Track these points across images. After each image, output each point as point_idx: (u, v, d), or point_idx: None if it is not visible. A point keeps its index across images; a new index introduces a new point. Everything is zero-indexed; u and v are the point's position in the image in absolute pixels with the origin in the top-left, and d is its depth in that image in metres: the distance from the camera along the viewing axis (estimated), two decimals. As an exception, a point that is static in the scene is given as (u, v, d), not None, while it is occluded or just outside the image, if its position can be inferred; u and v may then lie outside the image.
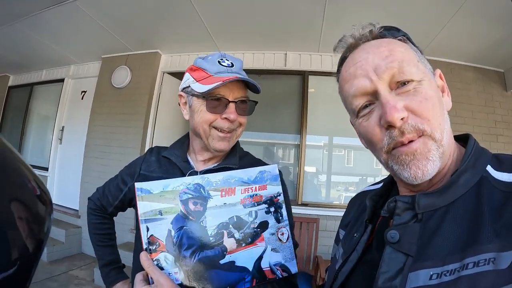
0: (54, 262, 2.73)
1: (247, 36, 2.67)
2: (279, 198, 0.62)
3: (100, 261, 0.84)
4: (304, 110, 2.75)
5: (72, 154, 3.43)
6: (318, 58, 2.83)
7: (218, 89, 0.64)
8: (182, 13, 2.34)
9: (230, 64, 0.68)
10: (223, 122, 0.66)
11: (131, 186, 0.77)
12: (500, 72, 2.78)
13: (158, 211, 0.54)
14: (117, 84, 3.15)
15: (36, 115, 4.12)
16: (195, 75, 0.67)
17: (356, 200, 0.56)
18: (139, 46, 3.03)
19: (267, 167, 0.64)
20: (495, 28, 2.10)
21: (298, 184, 2.68)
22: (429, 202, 0.36)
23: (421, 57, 0.40)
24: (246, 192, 0.60)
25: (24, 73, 4.24)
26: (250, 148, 2.97)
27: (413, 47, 0.41)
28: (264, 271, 0.57)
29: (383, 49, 0.39)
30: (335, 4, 2.06)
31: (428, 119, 0.35)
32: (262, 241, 0.58)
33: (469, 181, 0.35)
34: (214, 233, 0.56)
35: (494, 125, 2.65)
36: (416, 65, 0.38)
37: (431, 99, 0.36)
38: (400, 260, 0.35)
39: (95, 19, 2.53)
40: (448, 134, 0.38)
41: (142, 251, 0.53)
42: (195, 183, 0.58)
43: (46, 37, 2.99)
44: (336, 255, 0.50)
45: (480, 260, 0.29)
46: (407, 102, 0.36)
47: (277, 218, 0.61)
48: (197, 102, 0.67)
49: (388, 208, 0.39)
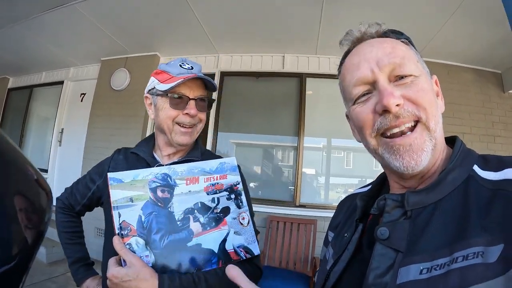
0: (54, 264, 2.75)
1: (245, 39, 2.69)
2: (238, 187, 0.69)
3: (69, 259, 0.85)
4: (301, 112, 2.76)
5: (72, 156, 3.44)
6: (316, 61, 2.84)
7: (179, 88, 0.72)
8: (181, 16, 2.35)
9: (190, 67, 0.75)
10: (184, 118, 0.73)
11: (100, 184, 0.82)
12: (498, 74, 2.79)
13: (129, 198, 0.59)
14: (116, 87, 3.16)
15: (36, 117, 4.13)
16: (159, 78, 0.74)
17: (345, 203, 0.58)
18: (138, 48, 3.05)
19: (226, 159, 0.71)
20: (492, 29, 2.11)
21: (296, 185, 2.69)
22: (418, 200, 0.37)
23: (420, 59, 0.43)
24: (208, 181, 0.66)
25: (23, 75, 4.25)
26: (248, 150, 3.01)
27: (413, 49, 0.43)
28: (228, 252, 0.62)
29: (387, 45, 0.41)
30: (332, 7, 2.08)
31: (424, 107, 0.38)
32: (225, 224, 0.64)
33: (457, 179, 0.37)
34: (181, 218, 0.61)
35: (491, 126, 2.66)
36: (415, 64, 0.41)
37: (427, 92, 0.39)
38: (390, 256, 0.36)
39: (95, 21, 2.54)
40: (441, 130, 0.40)
41: (114, 236, 0.56)
42: (162, 172, 0.63)
43: (45, 40, 3.01)
44: (326, 256, 0.51)
45: (469, 254, 0.30)
46: (404, 92, 0.38)
47: (237, 204, 0.67)
48: (161, 101, 0.74)
49: (378, 206, 0.41)
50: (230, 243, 0.63)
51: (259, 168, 2.91)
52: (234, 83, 3.01)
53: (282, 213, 2.59)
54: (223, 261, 0.61)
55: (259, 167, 2.91)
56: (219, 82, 2.97)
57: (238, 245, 0.64)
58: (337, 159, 2.85)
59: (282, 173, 2.87)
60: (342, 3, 2.02)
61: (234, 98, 2.99)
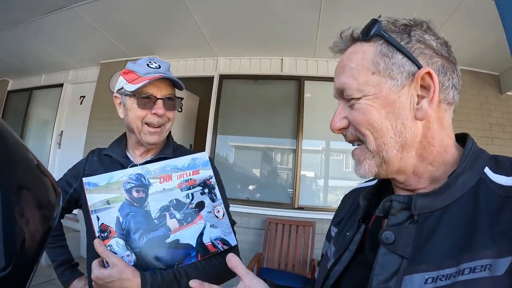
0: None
1: (243, 42, 2.70)
2: (211, 181, 0.70)
3: (54, 262, 0.85)
4: (300, 115, 2.77)
5: (71, 159, 3.42)
6: (314, 64, 2.85)
7: (147, 88, 0.72)
8: (180, 20, 2.36)
9: (158, 66, 0.75)
10: (152, 117, 0.73)
11: (76, 187, 0.82)
12: (495, 75, 2.81)
13: (106, 200, 0.60)
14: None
15: (35, 119, 4.13)
16: (127, 77, 0.74)
17: (349, 197, 0.57)
18: (138, 51, 3.05)
19: (198, 154, 0.72)
20: (488, 32, 2.12)
21: (295, 188, 2.70)
22: (426, 204, 0.36)
23: (389, 61, 0.38)
24: (181, 178, 0.67)
25: (23, 77, 4.25)
26: (246, 153, 3.02)
27: (380, 51, 0.38)
28: (206, 245, 0.64)
29: (340, 66, 0.42)
30: (330, 10, 2.09)
31: (363, 133, 0.39)
32: (201, 219, 0.65)
33: (467, 183, 0.35)
34: (157, 216, 0.62)
35: (489, 127, 2.67)
36: (363, 81, 0.38)
37: (370, 117, 0.38)
38: (395, 262, 0.35)
39: (94, 25, 2.55)
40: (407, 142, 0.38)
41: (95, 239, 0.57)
42: (136, 173, 0.64)
43: (45, 42, 3.02)
44: (328, 252, 0.50)
45: (477, 266, 0.29)
46: (350, 115, 0.40)
47: (211, 198, 0.69)
48: (129, 101, 0.74)
49: (383, 208, 0.39)
50: (207, 236, 0.65)
51: (258, 170, 2.92)
52: (232, 86, 3.02)
53: (281, 215, 2.60)
54: (201, 254, 0.63)
55: (258, 170, 2.92)
56: (218, 85, 2.98)
57: (215, 238, 0.65)
58: (336, 162, 2.86)
59: (280, 175, 2.88)
60: (340, 6, 2.04)
61: (233, 101, 3.00)
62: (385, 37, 0.38)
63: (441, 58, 0.39)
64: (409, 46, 0.38)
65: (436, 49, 0.38)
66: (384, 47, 0.38)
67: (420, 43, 0.38)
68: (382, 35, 0.38)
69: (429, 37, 0.39)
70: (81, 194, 0.80)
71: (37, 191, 0.24)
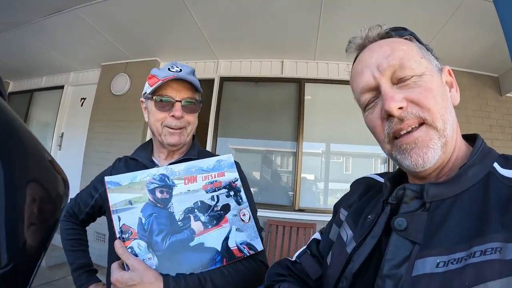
0: (53, 267, 2.74)
1: (244, 45, 2.71)
2: (237, 183, 0.68)
3: (71, 265, 0.84)
4: (300, 117, 2.78)
5: (71, 161, 3.44)
6: (314, 66, 2.86)
7: (165, 91, 0.73)
8: (181, 22, 2.37)
9: (179, 69, 0.75)
10: (171, 120, 0.74)
11: (102, 192, 0.81)
12: (495, 77, 2.81)
13: (128, 201, 0.58)
14: (116, 92, 3.18)
15: (36, 121, 4.13)
16: (150, 82, 0.76)
17: (360, 183, 0.56)
18: (138, 54, 3.06)
19: (223, 157, 0.71)
20: (488, 34, 2.13)
21: (295, 190, 2.70)
22: (438, 192, 0.37)
23: (426, 53, 0.42)
24: (206, 179, 0.65)
25: (24, 79, 4.25)
26: (247, 156, 3.02)
27: (418, 45, 0.42)
28: (232, 250, 0.61)
29: (386, 48, 0.41)
30: (330, 13, 2.10)
31: (428, 108, 0.37)
32: (226, 222, 0.63)
33: (477, 175, 0.36)
34: (181, 217, 0.60)
35: (489, 129, 2.67)
36: (418, 61, 0.40)
37: (431, 91, 0.38)
38: (406, 248, 0.35)
39: (95, 27, 2.56)
40: (453, 126, 0.39)
41: (116, 240, 0.55)
42: (160, 173, 0.62)
43: (46, 44, 3.02)
44: (343, 237, 0.48)
45: (487, 249, 0.30)
46: (406, 94, 0.38)
47: (237, 201, 0.67)
48: (151, 104, 0.75)
49: (396, 196, 0.40)
50: (233, 240, 0.62)
51: (259, 173, 2.92)
52: (233, 88, 3.02)
53: (282, 217, 2.60)
54: (227, 259, 0.60)
55: (258, 172, 2.92)
56: (218, 87, 2.98)
57: (241, 242, 0.63)
58: (336, 164, 2.85)
59: (281, 178, 2.88)
60: (340, 9, 2.05)
61: (234, 103, 3.01)
62: (417, 39, 0.43)
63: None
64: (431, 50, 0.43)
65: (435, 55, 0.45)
66: (416, 44, 0.43)
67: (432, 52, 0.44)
68: (415, 36, 0.43)
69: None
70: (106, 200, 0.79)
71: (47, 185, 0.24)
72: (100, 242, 2.90)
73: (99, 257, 1.66)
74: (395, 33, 0.43)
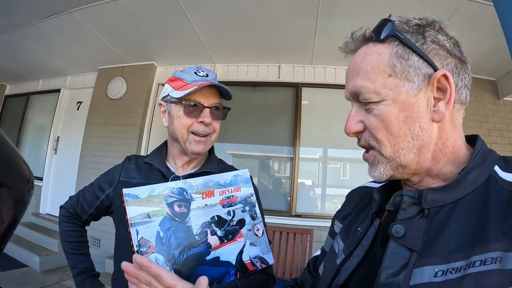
0: (47, 272, 2.72)
1: (241, 49, 2.70)
2: (252, 198, 0.70)
3: (74, 269, 0.81)
4: (297, 122, 2.77)
5: (67, 164, 3.42)
6: (311, 70, 2.85)
7: (194, 96, 0.71)
8: (177, 26, 2.36)
9: (205, 74, 0.74)
10: (198, 126, 0.72)
11: (110, 193, 0.80)
12: (492, 81, 2.81)
13: (146, 214, 0.58)
14: (113, 95, 3.16)
15: (32, 124, 4.12)
16: (174, 85, 0.74)
17: (356, 194, 0.56)
18: (135, 57, 3.05)
19: (239, 172, 0.71)
20: (485, 37, 2.12)
21: (292, 195, 2.68)
22: (436, 198, 0.36)
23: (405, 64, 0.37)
24: (223, 194, 0.66)
25: (21, 82, 4.24)
26: (243, 161, 3.00)
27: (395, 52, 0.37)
28: (245, 263, 0.63)
29: (353, 67, 0.40)
30: (327, 18, 2.10)
31: (379, 140, 0.38)
32: (241, 237, 0.64)
33: (477, 179, 0.35)
34: (198, 232, 0.60)
35: (487, 133, 2.67)
36: (381, 84, 0.37)
37: (384, 121, 0.37)
38: (404, 256, 0.34)
39: (92, 30, 2.55)
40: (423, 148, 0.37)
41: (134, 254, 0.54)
42: (178, 187, 0.62)
43: (43, 47, 3.02)
44: (335, 249, 0.48)
45: (487, 259, 0.29)
46: (365, 118, 0.39)
47: (252, 216, 0.68)
48: (175, 109, 0.73)
49: (393, 202, 0.39)
50: (247, 254, 0.63)
51: (255, 178, 2.90)
52: (230, 92, 3.02)
53: (278, 222, 2.58)
54: (240, 273, 0.61)
55: (255, 178, 2.91)
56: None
57: (254, 256, 0.64)
58: (334, 170, 2.84)
59: (278, 183, 2.86)
60: (336, 14, 2.05)
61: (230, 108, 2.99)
62: (400, 38, 0.37)
63: (454, 58, 0.38)
64: (424, 48, 0.37)
65: (450, 49, 0.38)
66: (399, 48, 0.37)
67: (435, 44, 0.37)
68: (397, 36, 0.37)
69: (442, 37, 0.38)
70: (115, 202, 0.78)
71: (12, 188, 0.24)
72: (95, 247, 2.88)
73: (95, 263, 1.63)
74: (376, 37, 0.39)
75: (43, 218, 3.36)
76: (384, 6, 1.90)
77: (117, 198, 0.77)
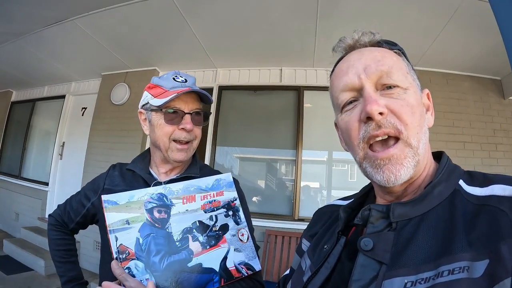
0: (52, 276, 2.73)
1: (242, 53, 2.71)
2: (235, 203, 0.68)
3: (62, 278, 0.81)
4: (300, 125, 2.75)
5: (72, 170, 3.46)
6: (313, 73, 2.85)
7: (174, 102, 0.70)
8: (178, 32, 2.38)
9: (184, 80, 0.74)
10: (180, 133, 0.71)
11: (95, 201, 0.80)
12: (497, 80, 2.76)
13: (125, 220, 0.57)
14: (116, 101, 3.20)
15: (38, 130, 4.17)
16: (153, 92, 0.73)
17: (324, 213, 0.56)
18: (138, 63, 3.08)
19: (222, 175, 0.70)
20: (489, 36, 2.08)
21: (295, 199, 2.66)
22: (404, 211, 0.37)
23: (411, 71, 0.42)
24: (205, 199, 0.65)
25: (26, 89, 4.32)
26: (246, 164, 3.00)
27: (405, 61, 0.43)
28: (230, 270, 0.61)
29: (376, 54, 0.41)
30: (326, 21, 2.10)
31: (406, 123, 0.37)
32: (225, 242, 0.63)
33: (443, 193, 0.36)
34: (179, 238, 0.59)
35: (493, 133, 2.61)
36: (405, 75, 0.40)
37: (412, 107, 0.38)
38: (373, 268, 0.35)
39: (94, 37, 2.59)
40: (425, 146, 0.40)
41: (112, 260, 0.54)
42: (158, 192, 0.62)
43: (48, 54, 3.06)
44: (303, 266, 0.48)
45: (455, 268, 0.29)
46: (389, 102, 0.38)
47: (235, 220, 0.67)
48: (156, 116, 0.72)
49: (362, 216, 0.40)
50: (231, 261, 0.62)
51: (257, 182, 2.89)
52: (232, 97, 3.02)
53: (281, 227, 2.56)
54: (225, 279, 0.60)
55: (257, 181, 2.90)
56: (217, 96, 2.98)
57: (239, 262, 0.63)
58: (340, 172, 2.80)
59: (280, 186, 2.84)
60: (335, 16, 2.04)
61: (232, 112, 3.00)
62: (405, 56, 0.43)
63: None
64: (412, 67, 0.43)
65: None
66: (403, 59, 0.43)
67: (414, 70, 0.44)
68: (404, 53, 0.43)
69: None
70: (99, 209, 0.78)
71: None
72: (97, 251, 2.89)
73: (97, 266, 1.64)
74: (386, 44, 0.43)
75: (48, 223, 3.41)
76: (383, 8, 1.90)
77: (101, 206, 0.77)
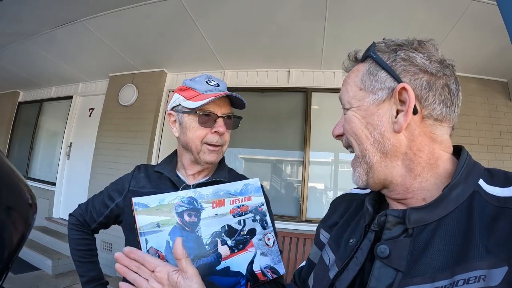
0: (59, 276, 2.76)
1: (250, 55, 2.72)
2: (263, 208, 0.69)
3: (83, 278, 0.82)
4: (307, 127, 2.76)
5: (80, 170, 3.49)
6: (321, 75, 2.85)
7: (207, 106, 0.71)
8: (186, 33, 2.40)
9: (216, 84, 0.75)
10: (212, 136, 0.72)
11: (119, 202, 0.80)
12: (504, 82, 2.75)
13: (156, 223, 0.57)
14: (124, 102, 3.22)
15: (45, 131, 4.20)
16: (185, 94, 0.73)
17: (341, 202, 0.56)
18: (146, 65, 3.10)
19: (250, 181, 0.71)
20: (495, 38, 2.08)
21: (302, 200, 2.67)
22: (420, 217, 0.36)
23: (373, 78, 0.41)
24: (234, 203, 0.65)
25: (34, 89, 4.34)
26: (254, 165, 3.01)
27: (367, 69, 0.42)
28: (256, 274, 0.62)
29: (342, 83, 0.47)
30: (335, 22, 2.10)
31: (348, 138, 0.43)
32: (252, 246, 0.64)
33: (461, 196, 0.35)
34: (209, 241, 0.60)
35: (499, 136, 2.61)
36: (353, 95, 0.43)
37: (353, 125, 0.42)
38: (389, 275, 0.35)
39: (102, 38, 2.61)
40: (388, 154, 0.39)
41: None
42: (188, 196, 0.62)
43: (55, 55, 3.09)
44: (326, 260, 0.48)
45: (471, 278, 0.29)
46: (343, 123, 0.45)
47: (262, 225, 0.67)
48: (188, 119, 0.73)
49: (378, 222, 0.40)
50: (257, 264, 0.63)
51: (265, 183, 2.90)
52: (239, 98, 3.04)
53: (288, 228, 2.57)
54: (251, 283, 0.61)
55: (264, 182, 2.90)
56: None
57: (265, 266, 0.64)
58: (347, 174, 2.81)
59: (288, 188, 2.85)
60: (344, 18, 2.04)
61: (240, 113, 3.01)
62: (373, 57, 0.42)
63: (427, 74, 0.39)
64: (393, 64, 0.40)
65: (421, 65, 0.39)
66: (372, 66, 0.42)
67: (404, 61, 0.39)
68: (371, 56, 0.42)
69: (416, 54, 0.40)
70: (124, 211, 0.78)
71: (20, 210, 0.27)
72: (106, 251, 2.92)
73: (105, 266, 1.66)
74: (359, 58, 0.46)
75: (55, 223, 3.43)
76: (392, 10, 1.90)
77: (127, 207, 0.77)
